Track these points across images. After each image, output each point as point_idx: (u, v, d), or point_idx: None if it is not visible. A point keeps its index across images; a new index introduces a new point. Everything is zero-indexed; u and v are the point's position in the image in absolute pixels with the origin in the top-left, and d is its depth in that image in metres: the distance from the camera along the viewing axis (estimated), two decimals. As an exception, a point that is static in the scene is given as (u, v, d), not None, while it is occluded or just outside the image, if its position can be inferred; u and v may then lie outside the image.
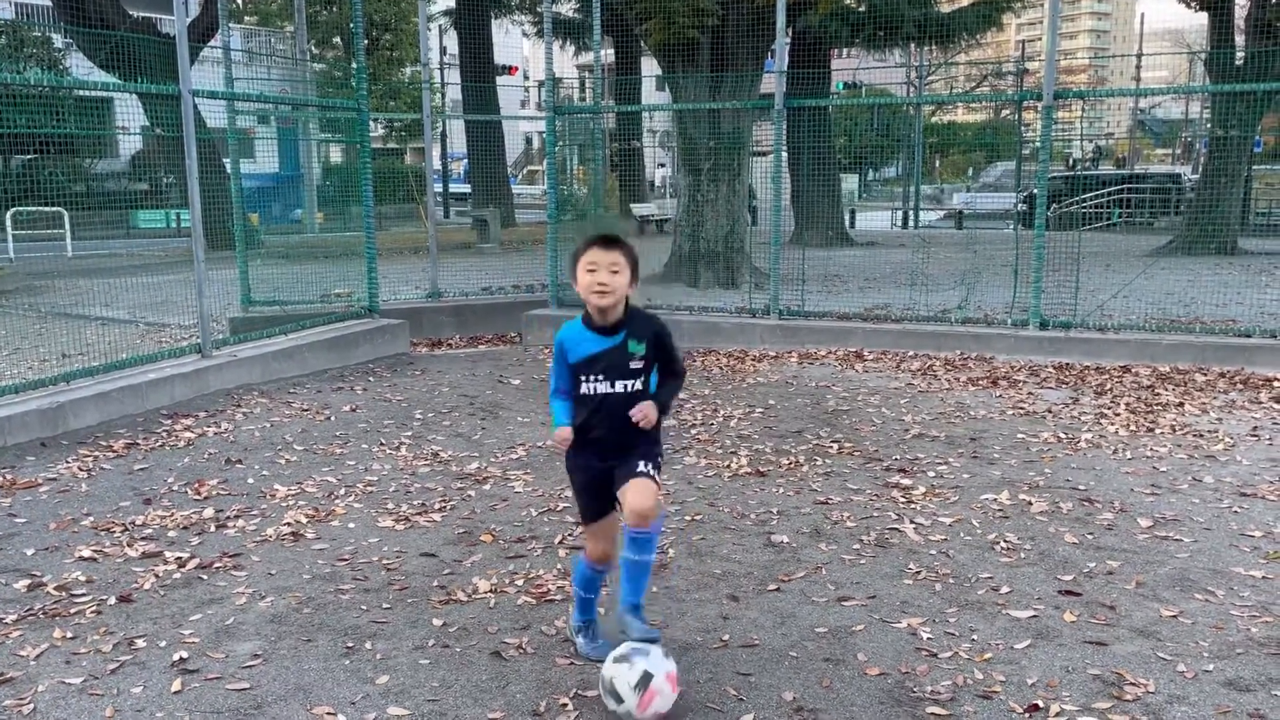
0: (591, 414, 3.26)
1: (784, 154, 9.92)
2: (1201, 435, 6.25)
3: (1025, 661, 3.42)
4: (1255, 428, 6.43)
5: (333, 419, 6.87)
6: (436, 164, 28.24)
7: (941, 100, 31.23)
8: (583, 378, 3.26)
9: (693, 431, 6.43)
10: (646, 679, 2.98)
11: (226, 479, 5.49)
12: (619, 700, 2.98)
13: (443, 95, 36.17)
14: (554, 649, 3.52)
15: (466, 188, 32.30)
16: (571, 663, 3.42)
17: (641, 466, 3.26)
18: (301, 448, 6.13)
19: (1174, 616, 3.75)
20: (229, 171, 9.74)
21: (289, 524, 4.78)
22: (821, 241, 16.04)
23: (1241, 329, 8.79)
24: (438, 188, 27.72)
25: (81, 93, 8.31)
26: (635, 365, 3.26)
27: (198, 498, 5.18)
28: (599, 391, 3.25)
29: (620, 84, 25.30)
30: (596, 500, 3.37)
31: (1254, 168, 19.83)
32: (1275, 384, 7.60)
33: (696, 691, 3.22)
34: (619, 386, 3.25)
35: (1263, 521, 4.74)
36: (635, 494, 3.20)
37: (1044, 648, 3.52)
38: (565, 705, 3.15)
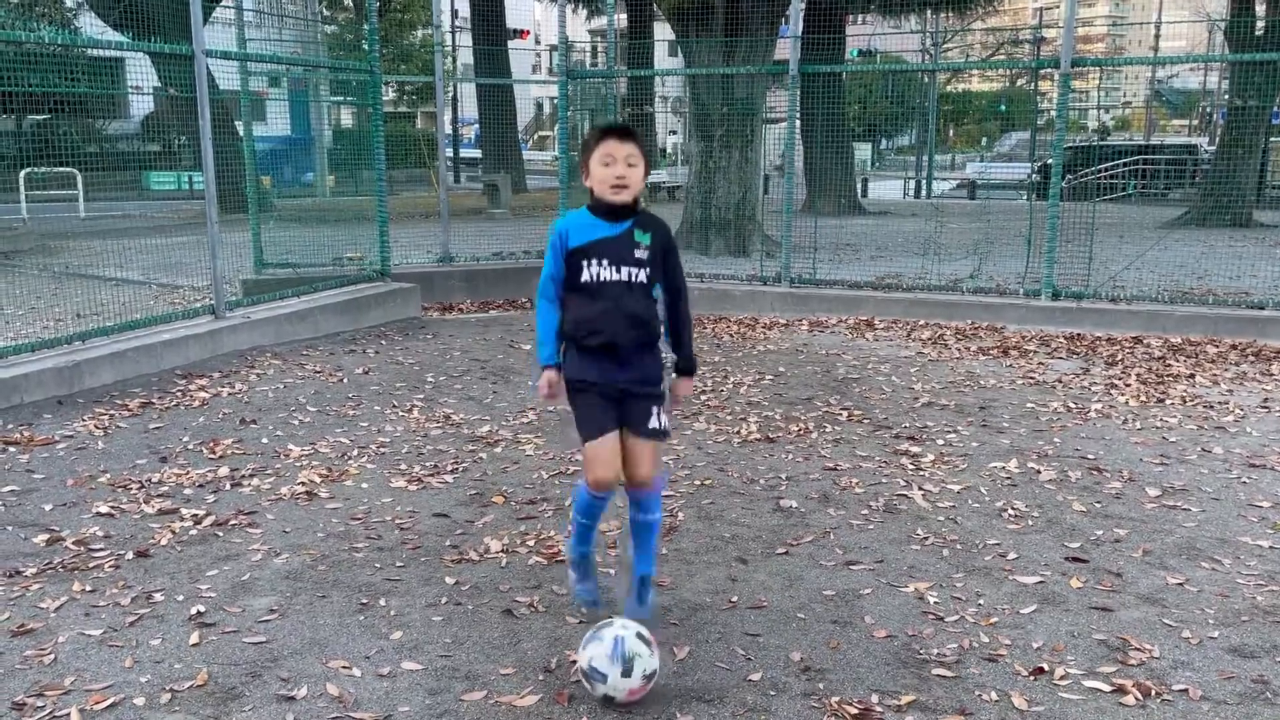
0: (593, 304, 3.11)
1: (797, 121, 9.86)
2: (1212, 406, 6.25)
3: (1031, 626, 3.45)
4: (1266, 399, 6.43)
5: (345, 381, 6.91)
6: (448, 128, 28.12)
7: (957, 67, 30.96)
8: (585, 263, 3.10)
9: (703, 398, 6.46)
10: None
11: (241, 438, 5.54)
12: (624, 677, 2.93)
13: (454, 59, 35.98)
14: (565, 608, 3.57)
15: (477, 153, 32.22)
16: (582, 621, 3.47)
17: (653, 420, 3.15)
18: (315, 409, 6.18)
19: (1180, 584, 3.78)
20: (241, 133, 9.74)
21: (303, 483, 4.83)
22: (834, 210, 15.98)
23: (1254, 301, 8.76)
24: (449, 152, 27.62)
25: (94, 52, 8.30)
26: (640, 255, 3.12)
27: (213, 456, 5.23)
28: (602, 278, 3.10)
29: (633, 49, 25.11)
30: (602, 409, 3.17)
31: (1272, 139, 19.63)
32: (1287, 356, 7.59)
33: (705, 651, 3.27)
34: (623, 273, 3.10)
35: (1271, 492, 4.76)
36: (633, 460, 3.12)
37: (1050, 613, 3.55)
38: (575, 662, 3.19)
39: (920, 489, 4.77)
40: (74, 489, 4.74)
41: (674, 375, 3.36)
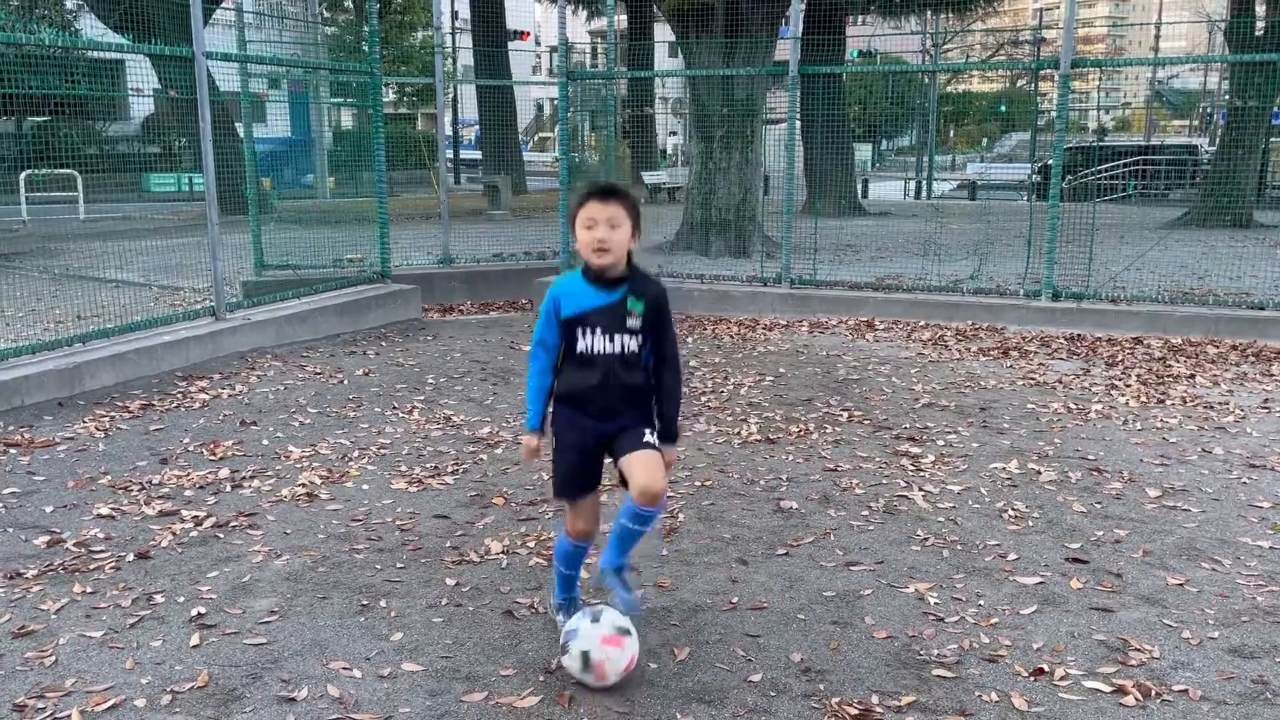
0: (586, 375, 3.10)
1: (797, 122, 9.86)
2: (1212, 407, 6.25)
3: (1031, 627, 3.46)
4: (1266, 400, 6.43)
5: (346, 382, 6.91)
6: (448, 130, 28.14)
7: (957, 68, 30.97)
8: (579, 332, 3.10)
9: (703, 399, 6.46)
10: (586, 658, 2.97)
11: (241, 440, 5.54)
12: (593, 622, 3.04)
13: (454, 60, 35.99)
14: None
15: (477, 154, 32.22)
16: (582, 623, 3.47)
17: (648, 436, 3.13)
18: (315, 410, 6.18)
19: (1180, 585, 3.78)
20: (241, 135, 9.75)
21: (303, 484, 4.83)
22: (834, 211, 15.98)
23: (1255, 301, 8.75)
24: (449, 154, 27.62)
25: (94, 54, 8.30)
26: (632, 323, 3.10)
27: (213, 458, 5.23)
28: (595, 349, 3.09)
29: (633, 50, 25.13)
30: (584, 470, 3.20)
31: (1272, 140, 19.62)
32: (1288, 357, 7.59)
33: (705, 652, 3.27)
34: (616, 343, 3.08)
35: (1271, 493, 4.76)
36: (644, 471, 3.05)
37: (1050, 613, 3.55)
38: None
39: (920, 490, 4.77)
40: (75, 491, 4.75)
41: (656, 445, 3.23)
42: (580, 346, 3.11)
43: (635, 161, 23.96)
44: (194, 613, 3.51)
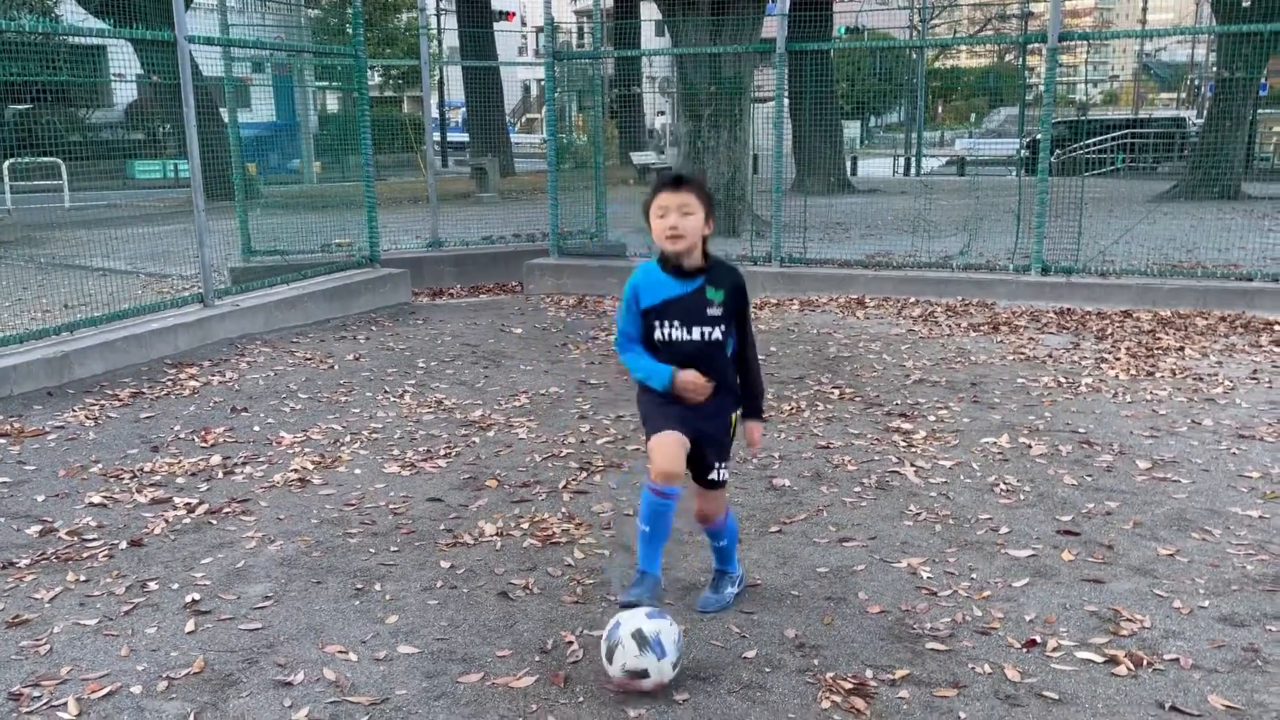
0: (668, 363, 3.11)
1: (785, 100, 9.82)
2: (1201, 379, 6.28)
3: (1023, 599, 3.48)
4: (1255, 370, 6.46)
5: (336, 367, 6.90)
6: (434, 112, 27.97)
7: (945, 44, 30.87)
8: (657, 323, 3.11)
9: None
10: (642, 674, 2.87)
11: (233, 427, 5.53)
12: (606, 661, 2.93)
13: (439, 42, 35.73)
14: (560, 589, 3.58)
15: (464, 136, 32.04)
16: (577, 602, 3.48)
17: (714, 474, 3.22)
18: (306, 396, 6.17)
19: (1171, 555, 3.80)
20: (226, 120, 9.67)
21: (296, 470, 4.83)
22: (823, 189, 15.95)
23: (1243, 273, 8.78)
24: (436, 136, 27.49)
25: (75, 40, 8.22)
26: (713, 312, 3.10)
27: (205, 445, 5.22)
28: (675, 338, 3.11)
29: (619, 29, 24.98)
30: (668, 414, 3.12)
31: (1259, 111, 19.64)
32: (1276, 327, 7.62)
33: (700, 629, 3.28)
34: (696, 334, 3.10)
35: (1260, 462, 4.79)
36: (703, 502, 3.28)
37: (1042, 586, 3.57)
38: (571, 643, 3.21)
39: (912, 465, 4.79)
40: (66, 480, 4.73)
41: (744, 420, 3.33)
42: (657, 336, 3.14)
43: (623, 141, 23.88)
44: (188, 599, 3.51)
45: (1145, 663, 3.05)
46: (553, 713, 2.84)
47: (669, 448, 3.09)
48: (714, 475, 3.25)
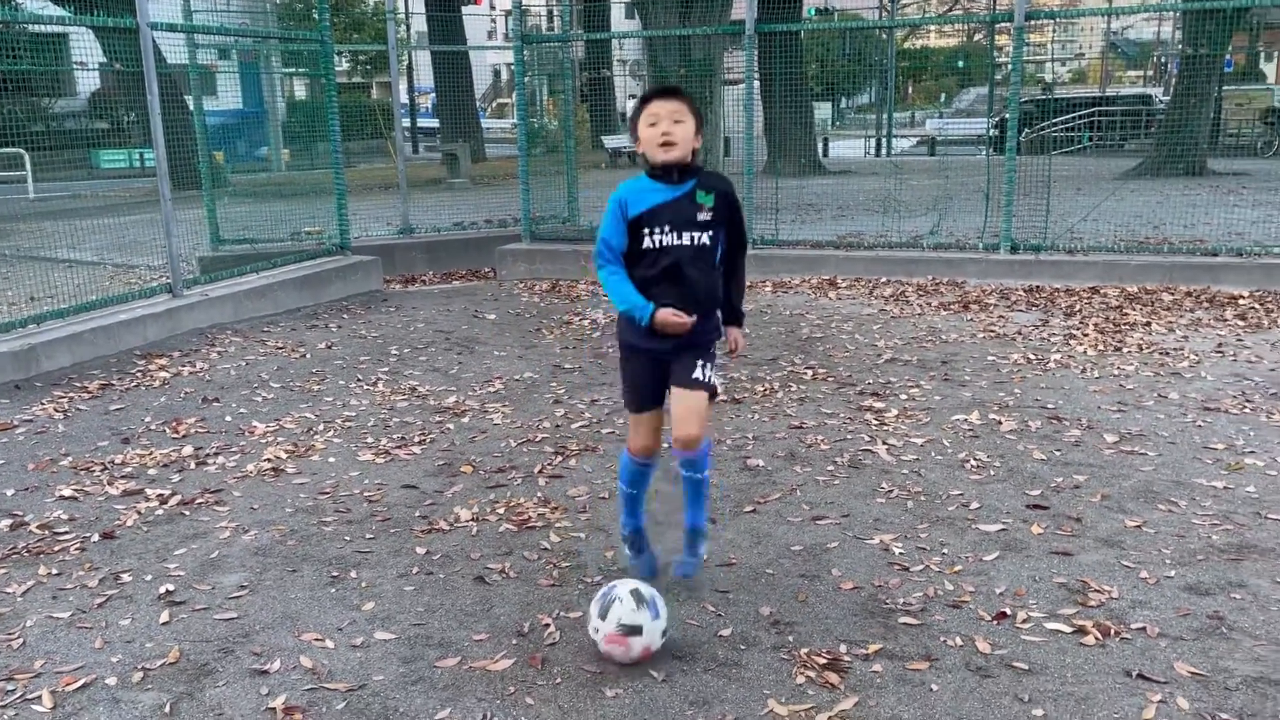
0: (655, 273, 3.05)
1: (755, 82, 9.82)
2: (1167, 353, 6.37)
3: (994, 573, 3.53)
4: (1220, 344, 6.56)
5: (308, 356, 6.86)
6: (404, 98, 27.73)
7: (914, 23, 30.89)
8: (646, 230, 3.03)
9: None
10: (636, 630, 2.91)
11: (204, 417, 5.49)
12: (600, 619, 2.98)
13: (407, 26, 35.37)
14: (536, 573, 3.59)
15: (434, 122, 31.80)
16: (554, 585, 3.50)
17: (698, 372, 3.11)
18: (278, 385, 6.13)
19: (1138, 527, 3.87)
20: (191, 108, 9.56)
21: (269, 460, 4.80)
22: (794, 171, 15.97)
23: (1208, 248, 8.89)
24: (406, 122, 27.23)
25: (36, 28, 8.09)
26: (704, 217, 3.04)
27: (176, 436, 5.19)
28: (665, 244, 3.02)
29: (589, 11, 24.82)
30: (648, 384, 3.17)
31: (1224, 88, 19.82)
32: (1240, 302, 7.73)
33: (676, 609, 3.30)
34: (686, 238, 3.03)
35: (1225, 435, 4.87)
36: (681, 417, 3.09)
37: (1012, 559, 3.63)
38: (548, 626, 3.22)
39: (884, 444, 4.83)
40: (36, 473, 4.69)
41: (725, 326, 3.30)
42: (647, 243, 3.04)
43: (594, 125, 23.79)
44: (162, 590, 3.49)
45: (1113, 632, 3.11)
46: (530, 694, 2.86)
47: (647, 426, 3.20)
48: (698, 373, 3.13)
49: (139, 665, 3.02)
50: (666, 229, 3.05)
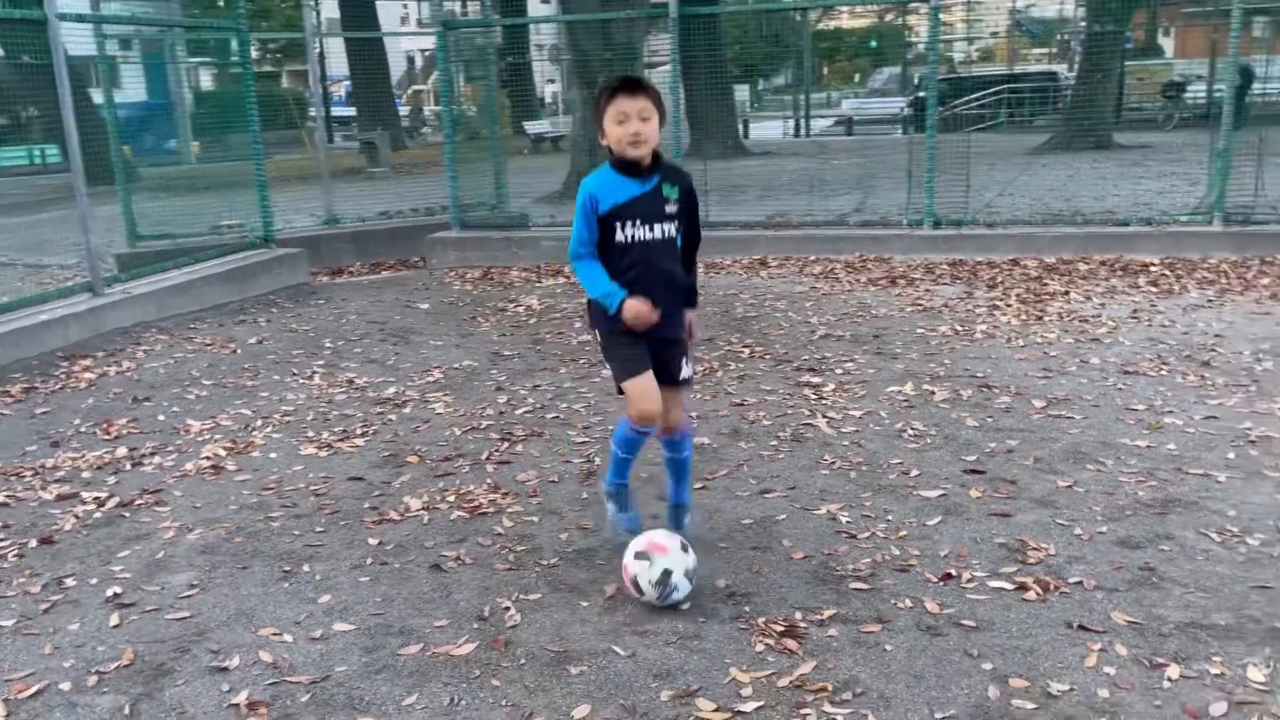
0: (628, 263, 3.18)
1: (679, 65, 9.87)
2: (1086, 320, 6.61)
3: (937, 536, 3.65)
4: (1135, 310, 6.83)
5: (239, 352, 6.73)
6: (321, 87, 27.08)
7: (828, 4, 31.30)
8: (618, 224, 3.16)
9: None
10: (666, 575, 3.11)
11: (136, 417, 5.36)
12: (640, 593, 3.15)
13: (317, 13, 34.59)
14: (492, 558, 3.61)
15: (349, 111, 31.19)
16: (511, 569, 3.52)
17: (682, 371, 3.31)
18: (210, 382, 6.01)
19: (1069, 486, 4.03)
20: (95, 101, 9.24)
21: (208, 457, 4.72)
22: (719, 153, 16.09)
23: (1120, 219, 9.23)
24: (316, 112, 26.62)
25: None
26: (670, 209, 3.20)
27: (108, 438, 5.06)
28: (638, 238, 3.16)
29: (505, -3, 24.58)
30: (636, 355, 3.28)
31: (1126, 63, 20.48)
32: (1152, 269, 8.05)
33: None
34: (657, 231, 3.18)
35: (1145, 396, 5.09)
36: (667, 410, 3.27)
37: (953, 522, 3.76)
38: (508, 609, 3.25)
39: (824, 417, 4.95)
40: (-38, 482, 4.53)
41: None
42: (620, 237, 3.18)
43: (515, 111, 23.60)
44: (110, 593, 3.43)
45: (1053, 587, 3.25)
46: (496, 676, 2.89)
47: (648, 391, 3.26)
48: (685, 374, 3.35)
49: (92, 669, 2.97)
50: (639, 222, 3.18)
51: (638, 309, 3.17)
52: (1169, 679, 2.74)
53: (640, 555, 3.16)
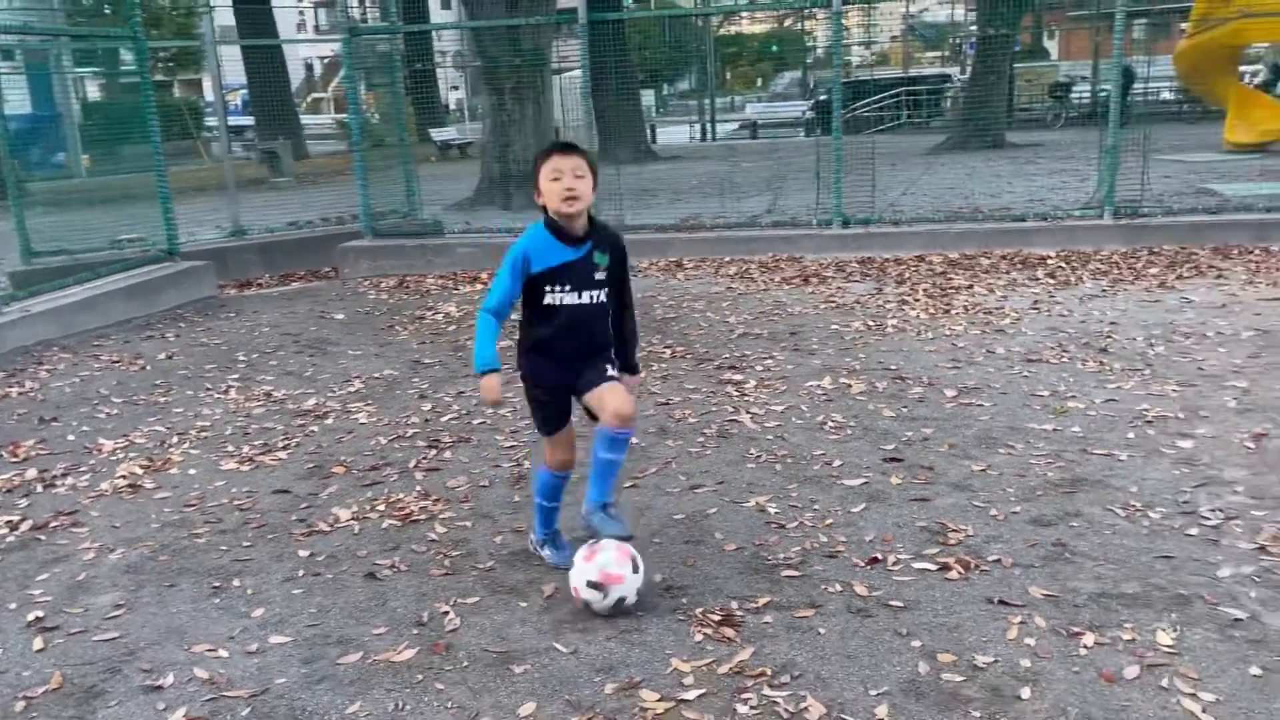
0: (554, 326, 3.25)
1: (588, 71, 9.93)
2: (991, 312, 6.88)
3: (862, 523, 3.78)
4: (1035, 302, 7.13)
5: (149, 368, 6.55)
6: (221, 96, 26.35)
7: (729, 10, 31.71)
8: (548, 288, 3.22)
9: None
10: (620, 601, 3.15)
11: (44, 438, 5.19)
12: (589, 607, 3.18)
13: (211, 20, 33.67)
14: (427, 564, 3.61)
15: (247, 120, 30.45)
16: (447, 574, 3.53)
17: (609, 370, 3.32)
18: (120, 400, 5.84)
19: (983, 470, 4.21)
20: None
21: (124, 476, 4.60)
22: (628, 157, 16.21)
23: (1016, 214, 9.61)
24: (216, 120, 25.91)
25: None
26: (600, 276, 3.27)
27: (15, 460, 4.88)
28: (566, 302, 3.23)
29: (406, 3, 24.30)
30: (559, 413, 3.38)
31: (1015, 66, 21.27)
32: (1049, 261, 8.41)
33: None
34: (585, 297, 3.24)
35: (1048, 382, 5.32)
36: (615, 398, 3.21)
37: (876, 509, 3.89)
38: (447, 614, 3.25)
39: (748, 413, 5.06)
40: None
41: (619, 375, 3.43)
42: (549, 300, 3.24)
43: (421, 119, 23.36)
44: (31, 617, 3.32)
45: (973, 566, 3.39)
46: (439, 679, 2.90)
47: (563, 442, 3.41)
48: (611, 370, 3.31)
49: (19, 695, 2.88)
50: (568, 288, 3.23)
51: (486, 388, 3.23)
52: (1085, 647, 2.90)
53: (594, 585, 3.14)
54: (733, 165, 12.45)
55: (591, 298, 3.26)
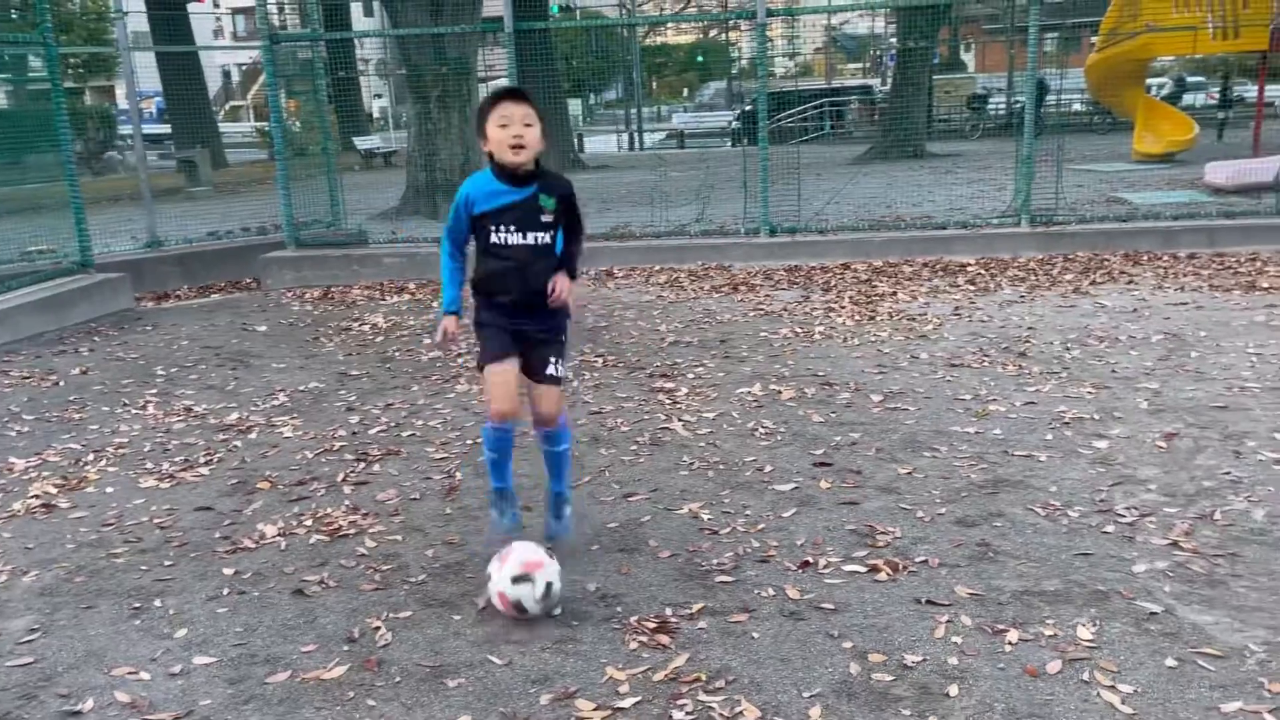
0: (501, 265, 3.30)
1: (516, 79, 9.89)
2: (914, 319, 7.02)
3: (793, 527, 3.82)
4: (956, 308, 7.30)
5: (62, 384, 6.33)
6: (124, 103, 25.67)
7: (653, 21, 31.95)
8: (492, 228, 3.28)
9: (459, 361, 6.47)
10: (549, 588, 3.13)
11: (-50, 458, 4.98)
12: (523, 613, 3.16)
13: (124, 26, 32.77)
14: (357, 579, 3.55)
15: (163, 128, 29.69)
16: (378, 589, 3.47)
17: (550, 369, 3.39)
18: (32, 417, 5.64)
19: (909, 473, 4.29)
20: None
21: (37, 495, 4.44)
22: (557, 166, 16.19)
23: (937, 223, 9.83)
24: (133, 130, 25.24)
25: None
26: (546, 219, 3.30)
27: (-81, 482, 4.68)
28: (510, 242, 3.28)
29: (327, 10, 23.97)
30: (500, 340, 3.39)
31: (934, 77, 21.77)
32: (969, 269, 8.62)
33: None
34: (530, 238, 3.28)
35: (970, 386, 5.45)
36: (541, 402, 3.36)
37: (807, 513, 3.94)
38: (378, 629, 3.21)
39: (680, 420, 5.08)
40: None
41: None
42: (493, 239, 3.29)
43: (344, 127, 23.02)
44: (-62, 646, 3.19)
45: (901, 567, 3.46)
46: (371, 696, 2.85)
47: (503, 388, 3.39)
48: (551, 370, 3.43)
49: (-73, 727, 2.76)
50: (512, 228, 3.29)
51: (448, 332, 3.41)
52: (1009, 643, 2.97)
53: (519, 579, 3.12)
54: (661, 175, 12.49)
55: (536, 239, 3.31)
